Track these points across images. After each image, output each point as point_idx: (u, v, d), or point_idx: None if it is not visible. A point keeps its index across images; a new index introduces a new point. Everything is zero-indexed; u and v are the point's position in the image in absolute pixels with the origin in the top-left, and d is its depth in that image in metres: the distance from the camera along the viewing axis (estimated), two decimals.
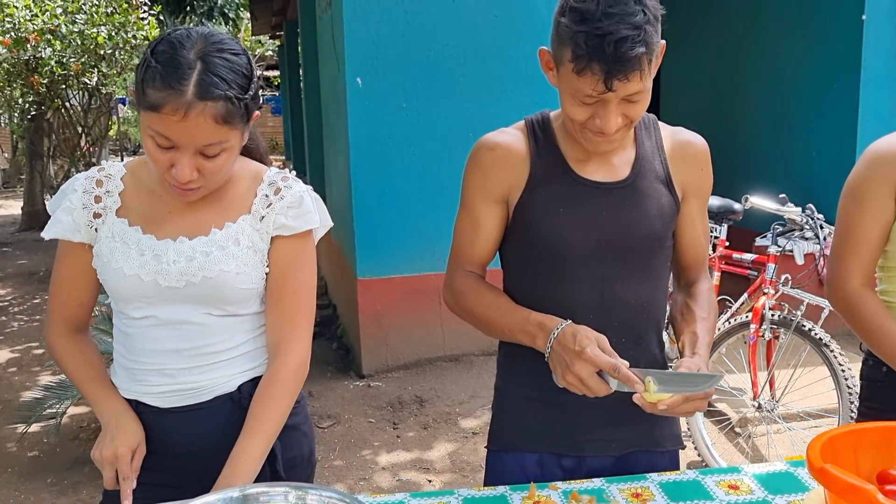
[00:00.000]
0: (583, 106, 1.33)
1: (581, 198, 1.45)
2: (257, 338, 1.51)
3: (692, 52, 7.28)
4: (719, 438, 3.71)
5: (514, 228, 1.49)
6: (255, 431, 1.40)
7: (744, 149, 6.50)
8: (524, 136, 1.49)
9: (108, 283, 1.45)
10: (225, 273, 1.41)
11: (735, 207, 3.99)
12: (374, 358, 4.75)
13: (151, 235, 1.43)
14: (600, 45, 1.24)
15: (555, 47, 1.35)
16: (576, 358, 1.30)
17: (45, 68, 6.56)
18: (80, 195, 1.46)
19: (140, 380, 1.46)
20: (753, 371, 3.37)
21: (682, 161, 1.52)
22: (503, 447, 1.57)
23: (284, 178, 1.49)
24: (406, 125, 4.56)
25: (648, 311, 1.51)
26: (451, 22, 4.53)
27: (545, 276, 1.47)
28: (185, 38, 1.30)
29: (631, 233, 1.45)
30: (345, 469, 3.62)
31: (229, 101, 1.29)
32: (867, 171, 1.62)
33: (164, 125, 1.28)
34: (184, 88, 1.25)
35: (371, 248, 4.66)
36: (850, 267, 1.65)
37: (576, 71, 1.27)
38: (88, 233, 1.46)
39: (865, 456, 1.29)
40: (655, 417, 1.51)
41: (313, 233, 1.51)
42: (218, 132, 1.30)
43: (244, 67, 1.33)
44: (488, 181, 1.48)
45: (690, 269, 1.60)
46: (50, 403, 3.68)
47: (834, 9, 5.37)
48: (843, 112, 5.31)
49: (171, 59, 1.27)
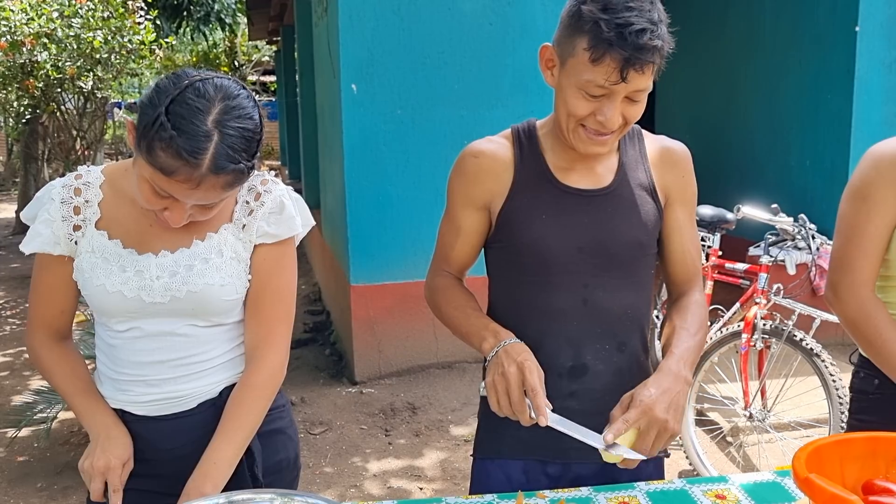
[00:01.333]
0: (587, 100, 1.34)
1: (563, 205, 1.46)
2: (240, 345, 1.51)
3: (687, 63, 7.30)
4: (711, 447, 3.71)
5: (498, 235, 1.51)
6: (228, 435, 1.40)
7: (738, 158, 6.52)
8: (509, 144, 1.51)
9: (90, 298, 1.43)
10: (209, 286, 1.40)
11: (728, 217, 4.00)
12: (367, 364, 4.74)
13: (132, 250, 1.41)
14: (622, 33, 1.26)
15: (564, 39, 1.35)
16: (513, 364, 1.32)
17: (40, 72, 6.55)
18: (59, 206, 1.42)
19: (124, 389, 1.46)
20: (745, 380, 3.38)
21: (664, 168, 1.54)
22: (488, 455, 1.57)
23: (264, 182, 1.47)
24: (401, 132, 4.57)
25: (631, 318, 1.51)
26: (446, 29, 4.54)
27: (528, 283, 1.48)
28: (204, 101, 1.25)
29: (613, 240, 1.46)
30: (335, 476, 3.61)
31: (240, 172, 1.29)
32: (873, 172, 1.59)
33: (170, 187, 1.26)
34: (200, 163, 1.23)
35: (365, 255, 4.66)
36: (859, 272, 1.60)
37: (593, 59, 1.29)
38: (68, 245, 1.43)
39: (851, 466, 1.30)
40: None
41: (295, 237, 1.51)
42: (223, 195, 1.32)
43: (255, 132, 1.31)
44: (471, 188, 1.50)
45: (681, 283, 1.59)
46: (40, 408, 3.67)
47: (828, 20, 5.40)
48: (836, 123, 5.33)
49: (188, 129, 1.23)
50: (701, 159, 6.50)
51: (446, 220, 1.57)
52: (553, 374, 1.45)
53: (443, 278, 1.58)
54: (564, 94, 1.37)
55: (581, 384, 1.48)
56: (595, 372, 1.48)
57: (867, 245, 1.60)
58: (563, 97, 1.37)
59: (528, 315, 1.47)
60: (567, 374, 1.48)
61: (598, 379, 1.48)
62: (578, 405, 1.47)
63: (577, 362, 1.48)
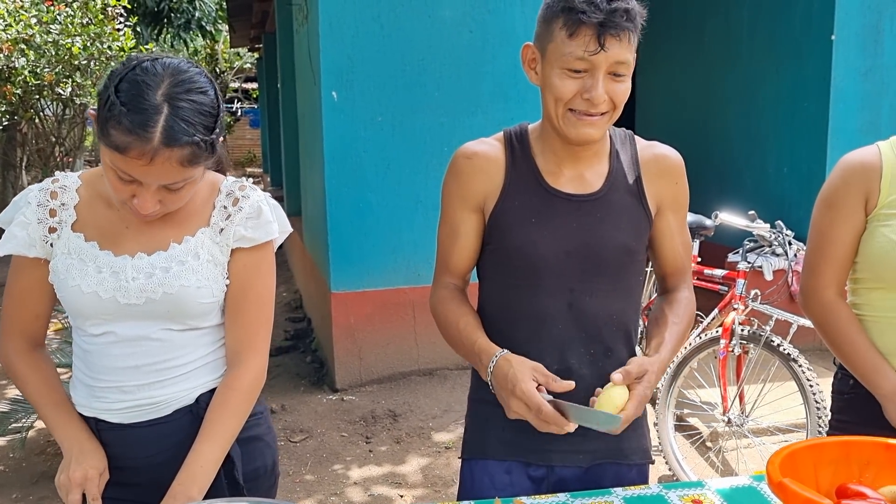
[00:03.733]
0: (572, 78, 1.36)
1: (553, 209, 1.47)
2: (217, 350, 1.50)
3: (666, 71, 7.36)
4: (690, 453, 3.73)
5: (489, 238, 1.53)
6: (211, 437, 1.40)
7: (716, 165, 6.57)
8: (502, 147, 1.53)
9: (65, 300, 1.42)
10: (185, 288, 1.40)
11: (706, 223, 4.02)
12: (348, 372, 4.73)
13: (109, 251, 1.41)
14: (593, 2, 1.31)
15: (542, 32, 1.40)
16: (511, 397, 1.34)
17: (18, 78, 6.49)
18: (35, 209, 1.43)
19: (99, 396, 1.45)
20: (723, 386, 3.40)
21: (656, 175, 1.55)
22: (473, 455, 1.59)
23: (242, 188, 1.48)
24: (381, 139, 4.57)
25: (617, 323, 1.52)
26: (426, 37, 4.55)
27: (516, 286, 1.50)
28: (150, 76, 1.27)
29: (601, 245, 1.48)
30: (316, 483, 3.59)
31: (195, 145, 1.28)
32: (840, 181, 1.67)
33: (127, 166, 1.27)
34: (150, 136, 1.23)
35: (345, 262, 4.65)
36: (824, 276, 1.69)
37: (569, 33, 1.33)
38: (44, 248, 1.44)
39: (825, 471, 1.31)
40: (624, 430, 1.53)
41: (272, 242, 1.51)
42: (184, 172, 1.30)
43: (210, 106, 1.31)
44: (465, 189, 1.51)
45: (671, 275, 1.63)
46: (17, 417, 3.62)
47: (804, 29, 5.46)
48: (813, 130, 5.39)
49: (136, 103, 1.24)
50: None
51: (443, 226, 1.57)
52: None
53: (443, 289, 1.57)
54: (550, 81, 1.39)
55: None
56: (579, 376, 1.48)
57: (832, 251, 1.68)
58: (549, 85, 1.40)
59: (516, 318, 1.49)
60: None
61: (581, 383, 1.47)
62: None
63: (562, 366, 1.48)
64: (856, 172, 1.65)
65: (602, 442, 1.53)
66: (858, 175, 1.64)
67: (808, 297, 1.73)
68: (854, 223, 1.65)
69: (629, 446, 1.57)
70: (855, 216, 1.65)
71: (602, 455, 1.55)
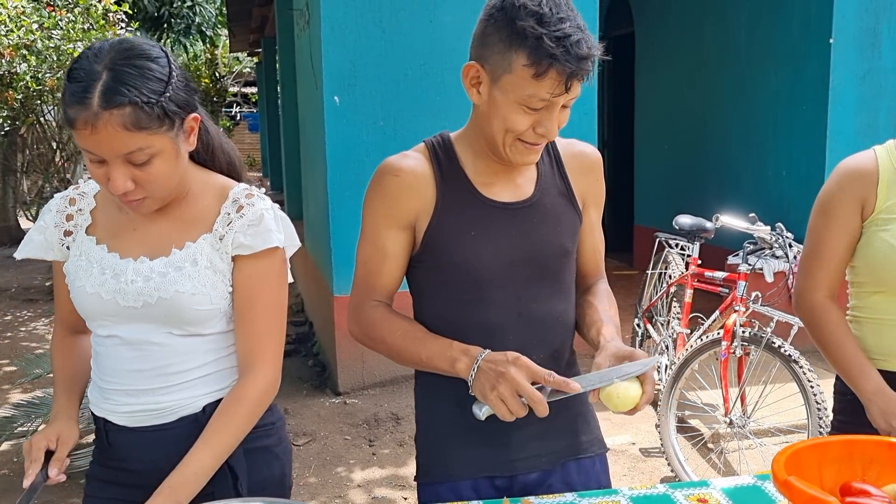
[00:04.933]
0: (527, 114, 1.33)
1: (491, 220, 1.44)
2: (223, 359, 1.49)
3: (665, 75, 7.39)
4: (692, 454, 3.74)
5: (425, 255, 1.46)
6: (209, 443, 1.38)
7: (716, 168, 6.59)
8: (426, 160, 1.47)
9: (74, 300, 1.46)
10: (180, 294, 1.39)
11: (707, 226, 4.04)
12: (351, 375, 4.74)
13: (115, 254, 1.44)
14: (564, 46, 1.25)
15: (495, 56, 1.32)
16: (510, 365, 1.30)
17: (19, 83, 6.51)
18: (54, 214, 1.48)
19: (107, 398, 1.47)
20: (725, 387, 3.41)
21: (579, 172, 1.55)
22: (437, 478, 1.52)
23: (249, 196, 1.46)
24: (383, 143, 4.59)
25: (562, 324, 1.53)
26: (428, 41, 4.57)
27: (461, 301, 1.46)
28: (96, 52, 1.29)
29: (542, 250, 1.47)
30: (319, 486, 3.61)
31: (137, 106, 1.25)
32: (835, 187, 1.69)
33: (82, 140, 1.28)
34: (89, 101, 1.24)
35: (348, 266, 4.65)
36: (816, 279, 1.73)
37: (536, 74, 1.27)
38: (61, 251, 1.48)
39: (829, 469, 1.32)
40: (579, 425, 1.56)
41: (283, 252, 1.49)
42: (133, 139, 1.27)
43: (158, 71, 1.30)
44: (394, 208, 1.44)
45: (590, 275, 1.63)
46: (20, 422, 3.63)
47: (802, 33, 5.49)
48: (811, 133, 5.42)
49: (80, 75, 1.26)
50: (680, 169, 6.61)
51: (367, 245, 1.50)
52: None
53: (374, 309, 1.49)
54: (501, 110, 1.34)
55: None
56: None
57: (825, 255, 1.71)
58: (500, 114, 1.34)
59: (463, 333, 1.43)
60: None
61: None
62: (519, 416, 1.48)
63: None
64: (852, 179, 1.67)
65: (561, 441, 1.54)
66: (855, 181, 1.66)
67: (799, 299, 1.77)
68: (849, 229, 1.68)
69: (586, 440, 1.58)
70: (850, 222, 1.67)
71: (563, 454, 1.54)
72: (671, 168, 7.29)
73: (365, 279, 1.51)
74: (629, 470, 3.66)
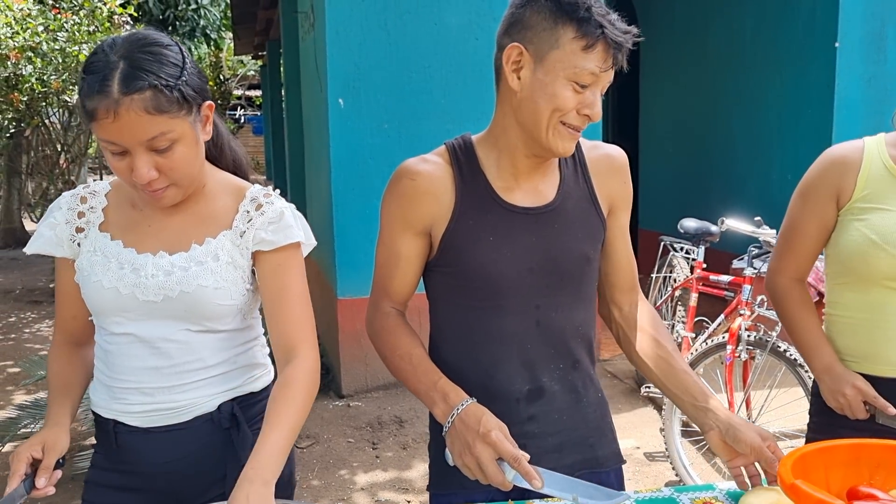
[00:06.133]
0: (575, 92, 1.32)
1: (510, 225, 1.42)
2: (238, 357, 1.50)
3: (670, 78, 7.38)
4: (697, 458, 3.73)
5: (442, 260, 1.44)
6: (278, 426, 1.34)
7: (721, 172, 6.59)
8: (447, 164, 1.45)
9: (88, 297, 1.44)
10: (203, 288, 1.40)
11: (712, 230, 4.04)
12: (354, 378, 4.74)
13: (132, 249, 1.43)
14: (610, 20, 1.30)
15: (539, 35, 1.32)
16: (479, 440, 1.26)
17: (25, 86, 6.52)
18: (65, 212, 1.47)
19: (119, 398, 1.45)
20: (730, 391, 3.40)
21: (605, 175, 1.52)
22: (451, 489, 1.48)
23: (267, 195, 1.48)
24: (387, 146, 4.59)
25: (582, 333, 1.50)
26: (432, 44, 4.58)
27: (478, 308, 1.43)
28: (109, 44, 1.31)
29: (563, 257, 1.44)
30: (323, 489, 3.60)
31: (157, 90, 1.27)
32: (815, 173, 1.70)
33: (104, 131, 1.28)
34: (109, 89, 1.25)
35: (351, 268, 4.66)
36: (786, 261, 1.76)
37: (587, 46, 1.29)
38: (71, 247, 1.47)
39: (836, 473, 1.32)
40: (596, 438, 1.53)
41: (300, 248, 1.49)
42: (155, 123, 1.28)
43: (173, 57, 1.32)
44: (409, 213, 1.43)
45: (629, 289, 1.58)
46: (24, 423, 3.63)
47: (808, 37, 5.48)
48: (817, 137, 5.41)
49: (96, 67, 1.28)
50: (684, 173, 6.60)
51: (383, 247, 1.49)
52: (510, 400, 1.43)
53: (385, 319, 1.49)
54: (548, 89, 1.32)
55: (539, 407, 1.46)
56: (552, 393, 1.46)
57: (797, 240, 1.73)
58: (546, 93, 1.32)
59: (479, 340, 1.42)
60: (525, 399, 1.45)
61: (555, 399, 1.47)
62: (538, 428, 1.46)
63: (535, 385, 1.45)
64: (833, 165, 1.67)
65: (578, 454, 1.51)
66: (835, 168, 1.66)
67: (768, 279, 1.80)
68: (822, 216, 1.68)
69: (604, 454, 1.55)
70: (824, 209, 1.67)
71: (579, 466, 1.50)
72: (676, 171, 7.29)
73: (379, 282, 1.52)
74: (634, 474, 3.65)
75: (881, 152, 1.65)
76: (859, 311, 1.66)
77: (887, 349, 1.63)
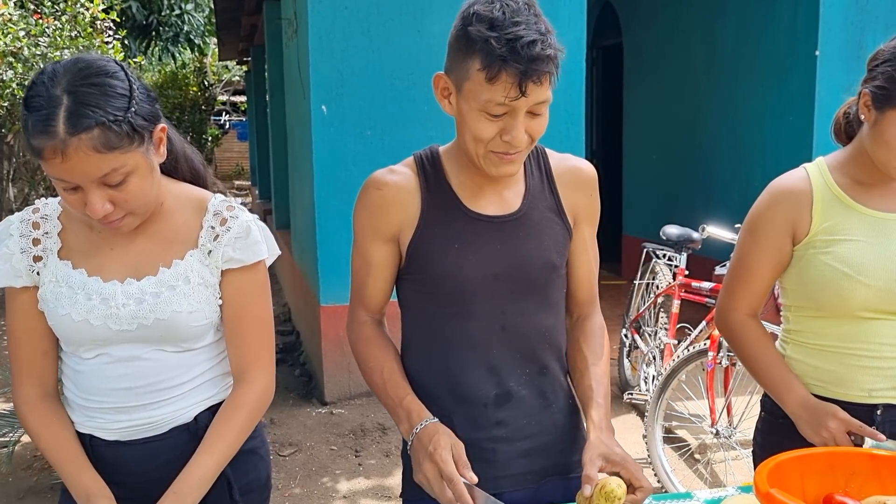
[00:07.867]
0: (490, 121, 1.31)
1: (475, 233, 1.44)
2: (212, 368, 1.49)
3: (653, 86, 7.43)
4: (679, 465, 3.74)
5: (409, 267, 1.48)
6: (211, 451, 1.39)
7: (702, 179, 6.62)
8: (413, 174, 1.48)
9: (57, 328, 1.40)
10: (178, 314, 1.38)
11: (694, 236, 4.06)
12: (337, 385, 4.72)
13: (97, 277, 1.38)
14: (514, 47, 1.24)
15: (456, 65, 1.33)
16: (427, 458, 1.30)
17: (6, 91, 6.47)
18: (18, 239, 1.40)
19: (93, 417, 1.43)
20: (711, 398, 3.42)
21: (571, 188, 1.53)
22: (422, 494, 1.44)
23: (230, 208, 1.45)
24: (370, 152, 4.58)
25: (549, 340, 1.51)
26: (415, 51, 4.58)
27: (445, 314, 1.46)
28: (50, 76, 1.23)
29: (527, 264, 1.46)
30: (305, 497, 3.58)
31: (105, 127, 1.22)
32: (765, 207, 1.65)
33: (53, 170, 1.23)
34: (54, 129, 1.19)
35: (334, 275, 4.65)
36: (737, 298, 1.70)
37: (488, 78, 1.26)
38: (30, 276, 1.40)
39: (812, 481, 1.33)
40: (566, 444, 1.54)
41: (264, 262, 1.49)
42: (106, 160, 1.23)
43: (120, 87, 1.26)
44: (377, 221, 1.46)
45: (585, 302, 1.60)
46: (3, 432, 3.59)
47: (789, 45, 5.53)
48: (798, 144, 5.45)
49: (39, 103, 1.21)
50: (667, 180, 6.64)
51: (356, 256, 1.52)
52: (478, 405, 1.46)
53: (361, 329, 1.53)
54: (466, 119, 1.34)
55: (507, 411, 1.47)
56: (519, 398, 1.48)
57: (748, 277, 1.68)
58: (466, 123, 1.34)
59: (447, 346, 1.46)
60: (493, 403, 1.47)
61: (523, 404, 1.48)
62: (506, 432, 1.47)
63: (501, 390, 1.47)
64: (784, 199, 1.62)
65: (548, 460, 1.52)
66: (786, 202, 1.61)
67: (720, 316, 1.75)
68: (776, 251, 1.63)
69: (573, 460, 1.55)
70: (778, 244, 1.62)
71: (549, 472, 1.53)
72: (659, 178, 7.32)
73: (355, 290, 1.55)
74: None
75: (827, 181, 1.62)
76: (829, 339, 1.62)
77: (861, 375, 1.59)
